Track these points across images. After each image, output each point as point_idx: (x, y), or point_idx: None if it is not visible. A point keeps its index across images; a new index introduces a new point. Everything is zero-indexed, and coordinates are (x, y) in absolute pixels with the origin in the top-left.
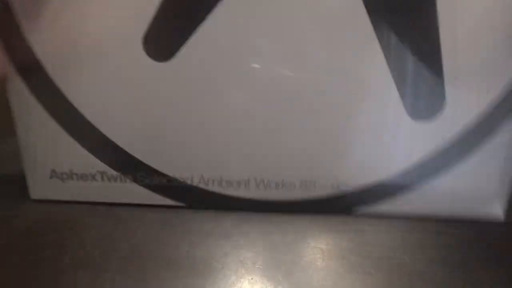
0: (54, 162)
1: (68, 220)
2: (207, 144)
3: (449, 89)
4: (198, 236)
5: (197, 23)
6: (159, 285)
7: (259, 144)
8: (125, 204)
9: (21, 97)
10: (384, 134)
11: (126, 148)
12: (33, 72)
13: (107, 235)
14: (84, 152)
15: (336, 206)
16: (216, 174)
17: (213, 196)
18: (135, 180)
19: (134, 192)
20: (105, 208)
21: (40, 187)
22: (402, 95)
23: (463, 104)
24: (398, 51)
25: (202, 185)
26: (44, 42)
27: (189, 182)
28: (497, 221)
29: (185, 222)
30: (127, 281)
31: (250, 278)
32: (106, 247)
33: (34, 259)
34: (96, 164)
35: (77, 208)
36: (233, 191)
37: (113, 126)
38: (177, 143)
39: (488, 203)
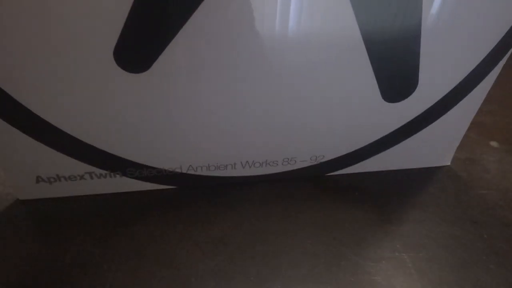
0: (37, 170)
1: (69, 220)
2: (192, 138)
3: (422, 73)
4: (198, 237)
5: (169, 37)
6: (159, 284)
7: (242, 132)
8: (125, 204)
9: None
10: (358, 115)
11: (112, 151)
12: None
13: (107, 235)
14: (68, 158)
15: (312, 173)
16: (204, 162)
17: (203, 178)
18: (124, 174)
19: (125, 183)
20: (106, 209)
21: (27, 190)
22: (379, 83)
23: (430, 88)
24: (379, 42)
25: (191, 172)
26: (7, 67)
27: (178, 171)
28: (445, 165)
29: (186, 223)
30: (127, 281)
31: None
32: (106, 247)
33: (34, 259)
34: (83, 167)
35: (78, 208)
36: (221, 173)
37: (96, 134)
38: (162, 140)
39: (439, 155)
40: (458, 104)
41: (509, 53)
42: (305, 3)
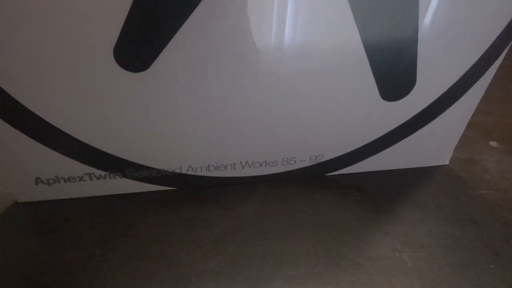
0: (36, 171)
1: (69, 220)
2: (192, 138)
3: (419, 72)
4: (198, 237)
5: (168, 36)
6: (159, 284)
7: (241, 132)
8: (125, 204)
9: None
10: (357, 114)
11: (112, 152)
12: None
13: (107, 235)
14: (67, 159)
15: (311, 173)
16: (203, 162)
17: (203, 179)
18: (124, 176)
19: (125, 184)
20: (106, 209)
21: (26, 192)
22: (378, 82)
23: (427, 87)
24: (378, 42)
25: (191, 172)
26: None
27: (178, 171)
28: (445, 165)
29: (186, 223)
30: (127, 281)
31: None
32: (106, 247)
33: (34, 259)
34: (82, 168)
35: (78, 208)
36: (221, 174)
37: (96, 134)
38: (162, 141)
39: (438, 154)
40: (455, 103)
41: (504, 52)
42: (307, 7)
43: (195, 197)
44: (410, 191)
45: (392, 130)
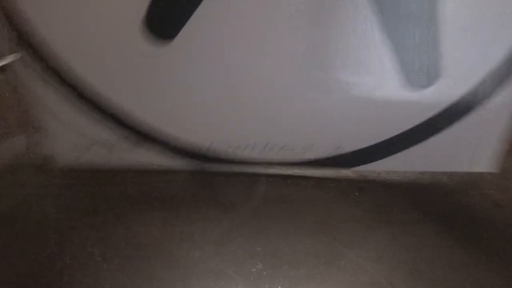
0: (76, 134)
1: (69, 220)
2: (216, 115)
3: (444, 63)
4: (198, 237)
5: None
6: (159, 284)
7: (262, 112)
8: (125, 204)
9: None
10: (381, 103)
11: (144, 119)
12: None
13: (107, 235)
14: (104, 124)
15: (336, 164)
16: (225, 140)
17: (223, 160)
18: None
19: (150, 157)
20: (106, 208)
21: (64, 157)
22: (401, 65)
23: (456, 77)
24: (398, 23)
25: (211, 151)
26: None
27: (197, 150)
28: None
29: (186, 223)
30: (127, 281)
31: None
32: (106, 247)
33: (35, 259)
34: (118, 133)
35: (78, 208)
36: (240, 155)
37: (133, 102)
38: (185, 114)
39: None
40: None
41: None
42: None
43: (196, 197)
44: (411, 191)
45: (416, 125)
